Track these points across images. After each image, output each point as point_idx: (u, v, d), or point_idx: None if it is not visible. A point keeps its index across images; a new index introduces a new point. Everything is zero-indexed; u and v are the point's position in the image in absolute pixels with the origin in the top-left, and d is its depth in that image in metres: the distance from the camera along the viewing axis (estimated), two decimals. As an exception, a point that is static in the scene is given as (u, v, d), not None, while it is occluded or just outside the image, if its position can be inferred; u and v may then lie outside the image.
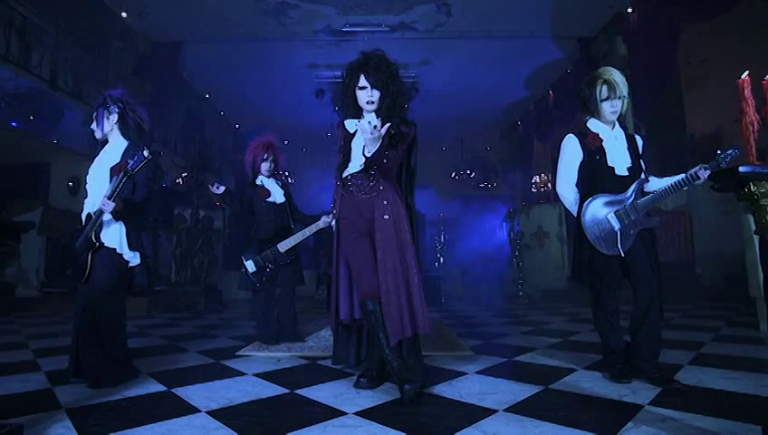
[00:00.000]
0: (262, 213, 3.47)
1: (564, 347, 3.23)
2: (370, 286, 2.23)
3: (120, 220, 2.34)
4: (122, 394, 2.11)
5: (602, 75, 2.28)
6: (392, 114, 2.27)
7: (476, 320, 4.97)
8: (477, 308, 6.23)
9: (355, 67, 2.27)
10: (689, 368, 2.47)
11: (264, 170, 3.50)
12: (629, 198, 2.23)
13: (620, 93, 2.25)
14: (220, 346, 3.43)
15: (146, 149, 2.20)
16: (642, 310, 2.19)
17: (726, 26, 6.61)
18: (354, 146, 2.32)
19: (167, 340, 3.74)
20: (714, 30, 6.73)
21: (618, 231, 2.20)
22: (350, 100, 2.32)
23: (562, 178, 2.43)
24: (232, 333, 4.10)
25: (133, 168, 2.19)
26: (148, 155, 2.17)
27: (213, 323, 4.96)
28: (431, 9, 7.43)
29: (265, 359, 2.97)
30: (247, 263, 3.36)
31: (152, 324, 4.75)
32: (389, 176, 2.32)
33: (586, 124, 2.38)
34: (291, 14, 7.62)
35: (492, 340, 3.62)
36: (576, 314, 5.21)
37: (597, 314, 2.39)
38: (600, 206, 2.24)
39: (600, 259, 2.23)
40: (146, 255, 2.47)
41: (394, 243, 2.20)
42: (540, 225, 7.61)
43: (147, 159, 2.18)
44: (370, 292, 2.23)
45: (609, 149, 2.29)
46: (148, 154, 2.17)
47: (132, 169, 2.19)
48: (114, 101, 2.47)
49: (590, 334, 3.71)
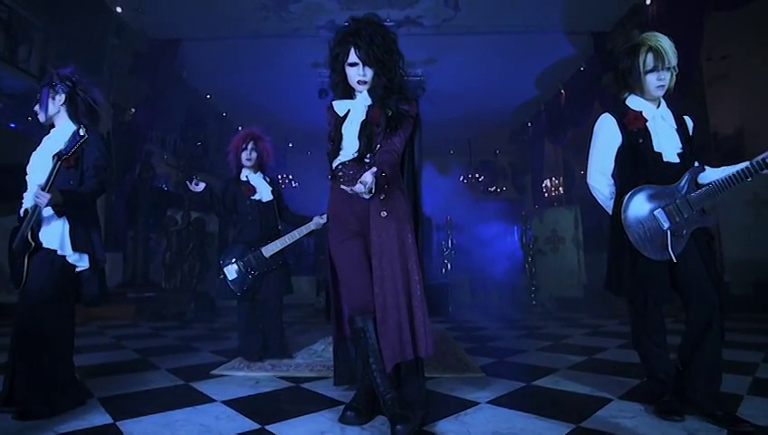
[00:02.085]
0: (245, 212, 3.08)
1: (591, 368, 2.78)
2: (361, 299, 1.84)
3: (63, 216, 1.96)
4: (54, 430, 1.71)
5: (647, 41, 1.86)
6: (389, 94, 1.89)
7: (487, 333, 4.53)
8: (488, 319, 5.78)
9: (344, 38, 1.87)
10: (751, 399, 2.02)
11: (244, 160, 3.12)
12: (681, 191, 1.80)
13: (669, 63, 1.83)
14: (197, 362, 3.03)
15: (82, 128, 1.83)
16: (698, 329, 1.76)
17: (745, 22, 6.27)
18: (346, 131, 1.94)
19: (140, 354, 3.35)
20: (734, 26, 6.38)
21: (667, 230, 1.78)
22: (338, 76, 1.94)
23: (595, 167, 2.01)
24: (216, 346, 3.70)
25: (67, 150, 1.81)
26: (84, 134, 1.79)
27: (199, 333, 4.57)
28: (438, 2, 7.08)
29: (243, 380, 2.56)
30: (227, 269, 2.96)
31: (133, 335, 4.37)
32: None
33: (625, 102, 1.96)
34: (292, 9, 7.31)
35: (505, 357, 3.18)
36: (597, 326, 4.75)
37: (638, 333, 1.95)
38: (645, 200, 1.82)
39: (645, 266, 1.81)
40: (97, 257, 2.09)
41: (394, 246, 1.80)
42: (554, 229, 7.13)
43: (82, 139, 1.80)
44: (360, 305, 1.83)
45: (655, 131, 1.87)
46: (85, 133, 1.79)
47: (66, 151, 1.81)
48: (61, 80, 2.10)
49: (618, 352, 3.26)
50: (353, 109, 1.94)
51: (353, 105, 1.95)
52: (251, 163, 3.12)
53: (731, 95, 7.67)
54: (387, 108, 1.88)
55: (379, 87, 1.86)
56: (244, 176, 3.15)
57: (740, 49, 6.93)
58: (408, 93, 1.97)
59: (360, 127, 1.90)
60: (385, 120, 1.88)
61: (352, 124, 1.92)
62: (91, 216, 2.14)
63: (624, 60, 1.91)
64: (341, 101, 1.97)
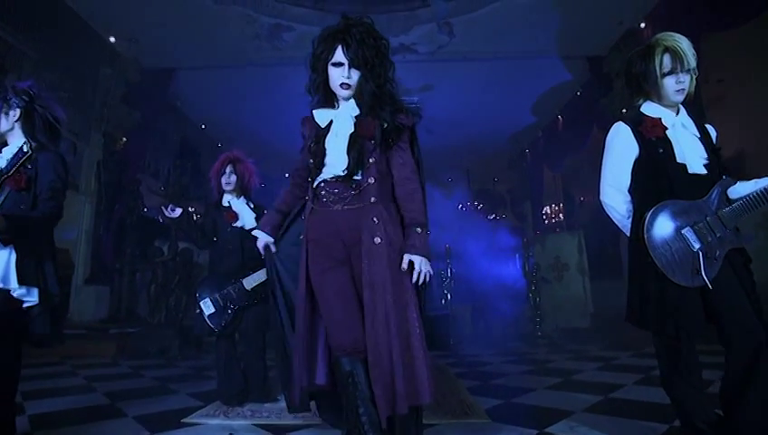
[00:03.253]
0: (226, 240, 2.84)
1: (610, 410, 2.48)
2: (350, 336, 1.57)
3: (8, 245, 1.73)
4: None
5: (663, 42, 1.67)
6: (378, 104, 1.66)
7: (491, 368, 4.21)
8: (491, 352, 5.44)
9: (332, 35, 1.65)
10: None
11: (224, 185, 2.90)
12: (711, 207, 1.58)
13: (688, 65, 1.65)
14: (170, 408, 2.72)
15: (27, 144, 1.61)
16: (743, 368, 1.49)
17: (741, 44, 6.26)
18: (329, 145, 1.70)
19: (110, 398, 3.02)
20: (730, 48, 6.37)
21: (698, 252, 1.54)
22: (320, 77, 1.70)
23: (609, 182, 1.79)
24: (196, 388, 3.38)
25: (8, 169, 1.59)
26: (28, 150, 1.58)
27: (182, 373, 4.24)
28: (432, 29, 7.08)
29: (217, 429, 2.25)
30: (203, 303, 2.68)
31: (109, 375, 4.03)
32: (385, 182, 1.69)
33: (639, 109, 1.77)
34: (285, 38, 7.29)
35: (513, 398, 2.87)
36: (608, 359, 4.43)
37: (668, 372, 1.68)
38: (670, 217, 1.59)
39: (675, 293, 1.56)
40: (49, 291, 1.84)
41: (387, 278, 1.55)
42: (557, 255, 6.87)
43: (25, 156, 1.59)
44: (348, 345, 1.56)
45: (677, 140, 1.66)
46: (29, 150, 1.58)
47: (6, 170, 1.59)
48: (17, 94, 1.91)
49: (638, 389, 2.96)
50: (337, 119, 1.72)
51: (337, 115, 1.72)
52: (231, 187, 2.90)
53: (730, 117, 7.61)
54: (382, 120, 1.66)
55: (366, 93, 1.64)
56: (227, 201, 2.93)
57: (738, 70, 6.89)
58: (401, 104, 1.77)
59: (348, 141, 1.67)
60: (380, 134, 1.66)
61: (337, 137, 1.69)
62: (45, 244, 1.90)
63: (637, 63, 1.72)
64: (323, 111, 1.75)
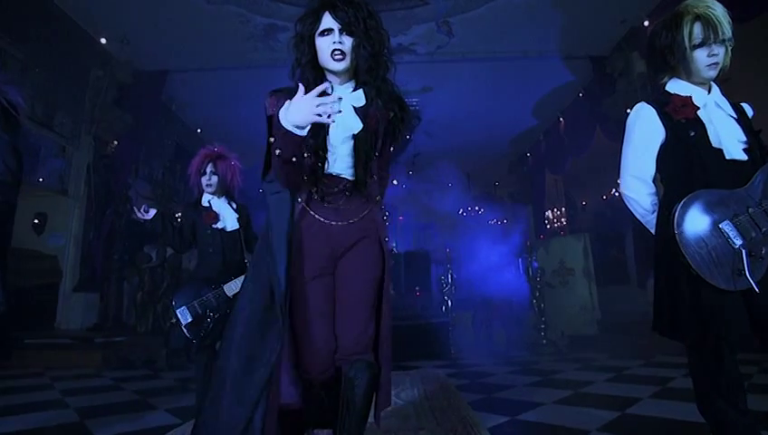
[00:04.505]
0: (206, 243, 2.61)
1: (628, 428, 2.24)
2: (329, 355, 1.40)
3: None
4: None
5: (693, 9, 1.43)
6: (374, 76, 1.42)
7: (494, 379, 3.96)
8: (494, 361, 5.19)
9: (314, 8, 1.41)
10: None
11: (204, 186, 2.67)
12: (755, 197, 1.36)
13: (724, 34, 1.42)
14: (144, 426, 2.49)
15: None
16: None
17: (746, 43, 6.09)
18: (334, 134, 1.43)
19: (81, 415, 2.78)
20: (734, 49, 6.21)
21: (740, 249, 1.31)
22: (305, 55, 1.44)
23: (631, 172, 1.56)
24: (177, 402, 3.14)
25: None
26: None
27: (167, 385, 4.00)
28: (431, 28, 6.90)
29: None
30: (179, 311, 2.45)
31: (87, 388, 3.78)
32: (384, 185, 1.59)
33: (665, 88, 1.55)
34: (280, 38, 7.10)
35: (520, 414, 2.63)
36: (619, 369, 4.17)
37: (704, 389, 1.44)
38: (704, 210, 1.36)
39: (712, 298, 1.33)
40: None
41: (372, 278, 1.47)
42: (562, 259, 6.62)
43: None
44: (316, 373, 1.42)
45: (710, 121, 1.44)
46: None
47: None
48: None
49: (656, 404, 2.72)
50: None
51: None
52: (212, 189, 2.67)
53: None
54: (389, 109, 1.45)
55: (363, 58, 1.38)
56: (206, 201, 2.70)
57: (742, 68, 6.71)
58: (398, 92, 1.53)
59: (354, 141, 1.44)
60: (384, 127, 1.46)
61: (336, 129, 1.43)
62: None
63: (663, 35, 1.49)
64: None
